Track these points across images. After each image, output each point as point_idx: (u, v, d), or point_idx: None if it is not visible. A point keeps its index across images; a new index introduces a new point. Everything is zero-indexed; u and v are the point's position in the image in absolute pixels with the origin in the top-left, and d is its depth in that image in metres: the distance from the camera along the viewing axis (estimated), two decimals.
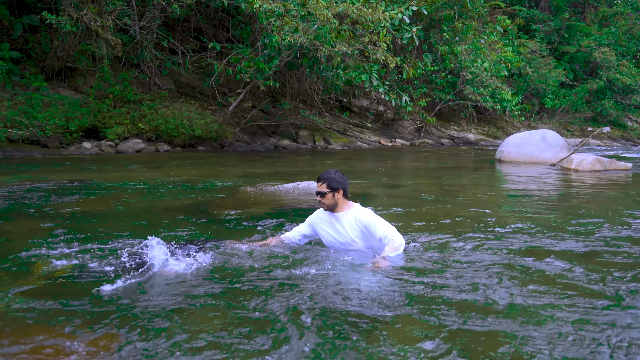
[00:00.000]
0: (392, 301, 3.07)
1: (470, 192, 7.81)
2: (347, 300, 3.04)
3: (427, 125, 23.08)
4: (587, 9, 34.03)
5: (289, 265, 3.68)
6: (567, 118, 29.48)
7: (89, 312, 2.83)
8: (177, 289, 3.19)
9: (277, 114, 18.59)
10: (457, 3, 19.83)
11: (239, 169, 10.92)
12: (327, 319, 2.79)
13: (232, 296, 3.10)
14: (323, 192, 3.94)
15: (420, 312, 2.91)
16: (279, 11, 13.26)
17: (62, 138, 13.77)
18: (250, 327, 2.67)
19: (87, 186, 7.73)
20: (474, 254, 4.13)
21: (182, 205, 6.32)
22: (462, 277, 3.50)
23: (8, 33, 14.72)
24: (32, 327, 2.65)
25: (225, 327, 2.67)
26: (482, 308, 2.97)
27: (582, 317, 2.86)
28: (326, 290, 3.20)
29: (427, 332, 2.66)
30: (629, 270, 3.71)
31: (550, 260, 3.93)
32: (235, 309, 2.91)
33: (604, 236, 4.79)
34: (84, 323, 2.69)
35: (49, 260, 3.72)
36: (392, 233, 3.81)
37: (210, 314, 2.84)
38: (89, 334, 2.57)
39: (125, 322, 2.69)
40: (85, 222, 5.26)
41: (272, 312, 2.85)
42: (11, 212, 5.66)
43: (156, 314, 2.80)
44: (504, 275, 3.57)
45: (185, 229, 4.96)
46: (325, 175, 3.98)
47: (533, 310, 2.94)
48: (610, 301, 3.11)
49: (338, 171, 4.02)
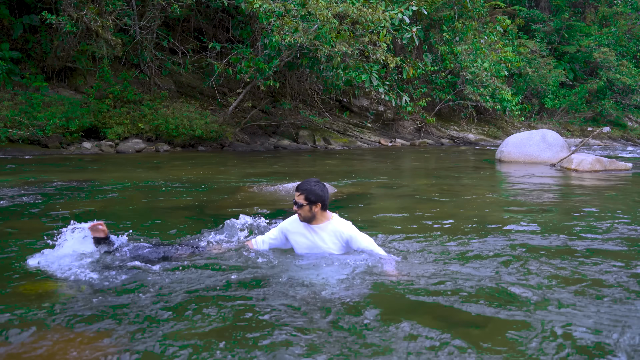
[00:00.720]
0: (393, 301, 3.07)
1: (470, 192, 7.81)
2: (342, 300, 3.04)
3: (427, 125, 23.07)
4: (587, 9, 34.02)
5: (253, 268, 3.61)
6: (567, 118, 29.47)
7: (89, 312, 2.83)
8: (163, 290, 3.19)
9: (277, 114, 18.59)
10: (457, 3, 19.82)
11: (239, 169, 10.92)
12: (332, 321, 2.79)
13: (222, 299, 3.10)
14: (300, 204, 3.70)
15: (420, 312, 2.91)
16: (279, 11, 13.25)
17: (62, 138, 13.77)
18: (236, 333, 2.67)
19: (87, 186, 7.72)
20: (474, 253, 4.13)
21: (182, 205, 6.33)
22: (462, 277, 3.50)
23: (8, 33, 14.73)
24: (32, 328, 2.65)
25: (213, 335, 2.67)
26: (482, 308, 2.97)
27: (581, 318, 2.86)
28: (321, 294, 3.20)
29: (427, 332, 2.66)
30: (630, 270, 3.71)
31: (550, 260, 3.93)
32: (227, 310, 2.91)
33: (603, 236, 4.79)
34: (84, 320, 2.69)
35: (48, 262, 3.72)
36: (374, 243, 3.77)
37: (185, 321, 2.84)
38: (88, 333, 2.57)
39: (120, 322, 2.70)
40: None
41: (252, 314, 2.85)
42: (11, 212, 5.66)
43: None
44: (504, 275, 3.57)
45: (185, 229, 4.96)
46: (305, 185, 3.71)
47: (532, 311, 2.94)
48: (612, 300, 3.11)
49: (319, 182, 3.77)
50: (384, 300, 3.07)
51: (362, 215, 5.86)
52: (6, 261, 3.78)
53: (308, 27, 13.38)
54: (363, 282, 3.33)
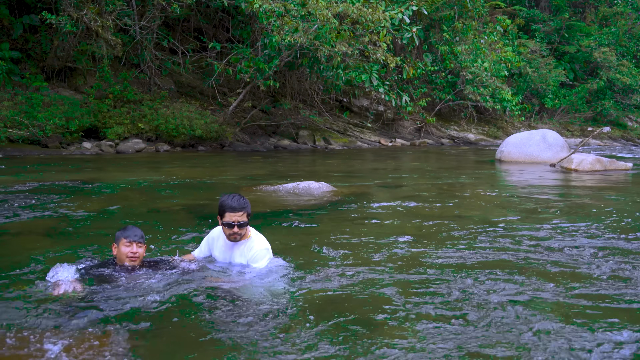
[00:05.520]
0: (393, 301, 3.07)
1: (470, 192, 7.81)
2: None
3: (427, 125, 23.06)
4: (587, 9, 34.00)
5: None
6: (567, 118, 29.46)
7: (89, 312, 2.83)
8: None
9: (277, 114, 18.58)
10: (457, 3, 19.81)
11: (239, 169, 10.91)
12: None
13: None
14: (244, 223, 3.46)
15: (418, 312, 2.91)
16: (279, 11, 13.24)
17: (62, 138, 13.76)
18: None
19: (87, 186, 7.72)
20: (473, 253, 4.13)
21: (182, 205, 6.32)
22: (461, 277, 3.49)
23: (8, 33, 14.71)
24: (31, 327, 2.65)
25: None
26: (483, 307, 2.97)
27: (584, 317, 2.86)
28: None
29: (427, 332, 2.66)
30: (632, 268, 3.71)
31: (549, 261, 3.93)
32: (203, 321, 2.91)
33: (604, 236, 4.79)
34: (86, 324, 2.69)
35: (48, 262, 3.72)
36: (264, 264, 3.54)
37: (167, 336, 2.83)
38: (89, 335, 2.57)
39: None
40: (85, 222, 5.26)
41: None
42: (11, 212, 5.65)
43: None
44: (504, 274, 3.56)
45: (185, 229, 4.96)
46: (243, 202, 3.43)
47: (533, 310, 2.94)
48: (614, 301, 3.11)
49: (238, 194, 3.52)
50: (381, 301, 3.07)
51: (361, 215, 5.86)
52: (6, 261, 3.77)
53: (308, 27, 13.37)
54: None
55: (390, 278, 3.48)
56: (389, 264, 3.83)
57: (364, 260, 3.94)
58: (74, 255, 3.87)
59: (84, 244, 4.27)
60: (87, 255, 3.85)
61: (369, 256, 4.05)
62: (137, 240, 3.36)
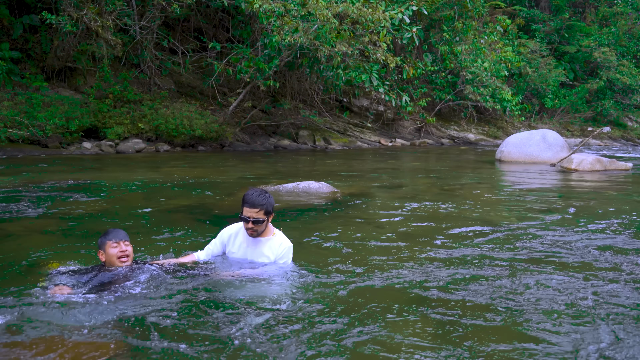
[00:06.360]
0: (393, 301, 3.07)
1: (470, 192, 7.81)
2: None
3: (427, 125, 23.06)
4: (587, 9, 34.00)
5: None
6: (567, 118, 29.46)
7: (88, 313, 2.83)
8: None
9: (277, 114, 18.58)
10: (457, 3, 19.81)
11: (239, 169, 10.91)
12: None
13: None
14: (260, 220, 3.41)
15: (418, 312, 2.90)
16: (279, 11, 13.24)
17: (62, 138, 13.76)
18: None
19: (87, 186, 7.72)
20: (473, 253, 4.13)
21: (181, 205, 6.32)
22: (461, 277, 3.49)
23: (8, 33, 14.71)
24: (32, 327, 2.65)
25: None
26: (484, 307, 2.97)
27: (587, 317, 2.85)
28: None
29: (428, 332, 2.66)
30: (632, 269, 3.71)
31: (549, 260, 3.93)
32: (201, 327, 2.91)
33: (604, 236, 4.79)
34: (88, 328, 2.69)
35: (49, 263, 3.72)
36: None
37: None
38: (91, 339, 2.57)
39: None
40: (85, 222, 5.26)
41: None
42: (11, 212, 5.65)
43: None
44: (505, 274, 3.56)
45: (185, 229, 4.96)
46: (260, 200, 3.38)
47: (533, 311, 2.93)
48: (615, 298, 3.11)
49: (264, 190, 3.50)
50: (382, 301, 3.07)
51: (361, 215, 5.86)
52: (6, 261, 3.77)
53: (308, 27, 13.37)
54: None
55: (390, 278, 3.48)
56: (389, 263, 3.83)
57: (364, 260, 3.94)
58: (74, 256, 3.87)
59: (84, 244, 4.27)
60: (85, 257, 3.85)
61: (369, 256, 4.05)
62: (123, 239, 3.32)
